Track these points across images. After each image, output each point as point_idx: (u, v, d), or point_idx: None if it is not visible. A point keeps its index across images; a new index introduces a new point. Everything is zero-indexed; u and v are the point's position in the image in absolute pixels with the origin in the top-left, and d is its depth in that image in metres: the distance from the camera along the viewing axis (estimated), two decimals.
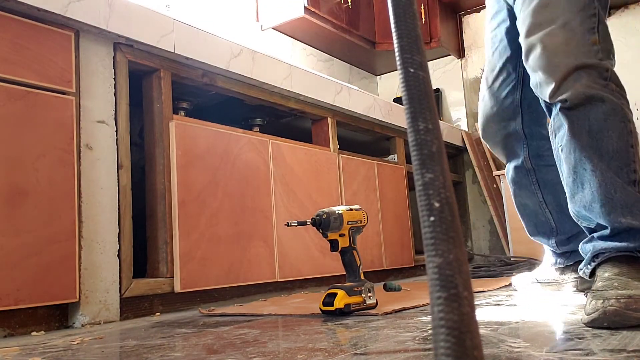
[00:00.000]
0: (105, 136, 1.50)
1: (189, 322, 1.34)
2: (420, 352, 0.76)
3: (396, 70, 2.70)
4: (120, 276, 1.47)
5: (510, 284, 1.70)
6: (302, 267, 2.05)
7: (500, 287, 1.75)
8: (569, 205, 1.16)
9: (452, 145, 3.37)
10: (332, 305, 1.25)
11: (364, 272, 1.34)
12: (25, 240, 1.26)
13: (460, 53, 3.87)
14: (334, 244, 1.32)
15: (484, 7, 4.11)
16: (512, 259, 2.62)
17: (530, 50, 1.18)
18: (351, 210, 1.35)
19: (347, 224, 1.32)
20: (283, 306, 1.53)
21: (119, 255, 1.47)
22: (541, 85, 1.17)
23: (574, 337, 0.80)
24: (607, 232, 1.07)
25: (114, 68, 1.55)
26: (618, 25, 3.32)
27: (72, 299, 1.33)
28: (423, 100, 0.38)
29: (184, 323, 1.32)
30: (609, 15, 3.37)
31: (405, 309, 1.30)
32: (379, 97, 2.76)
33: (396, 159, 2.89)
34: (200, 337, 1.05)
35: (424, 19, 3.52)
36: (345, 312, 1.25)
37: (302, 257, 2.07)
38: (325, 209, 1.32)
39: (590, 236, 1.12)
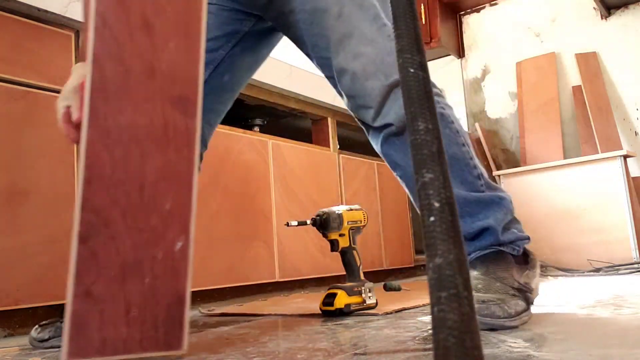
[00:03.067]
0: None
1: (189, 322, 1.34)
2: (420, 352, 0.76)
3: None
4: None
5: None
6: (302, 267, 2.05)
7: None
8: None
9: None
10: (332, 305, 1.25)
11: (364, 272, 1.34)
12: (25, 240, 1.25)
13: (460, 53, 3.87)
14: (334, 244, 1.32)
15: (484, 7, 4.05)
16: None
17: (341, 75, 1.06)
18: (351, 210, 1.35)
19: (347, 224, 1.32)
20: (283, 306, 1.53)
21: None
22: (359, 110, 1.07)
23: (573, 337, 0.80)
24: (468, 236, 1.03)
25: None
26: (618, 25, 3.31)
27: None
28: (423, 100, 0.38)
29: None
30: (609, 15, 3.36)
31: (405, 309, 1.30)
32: None
33: None
34: (200, 337, 1.05)
35: (424, 19, 3.52)
36: (345, 312, 1.25)
37: (302, 257, 2.07)
38: (325, 209, 1.32)
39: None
